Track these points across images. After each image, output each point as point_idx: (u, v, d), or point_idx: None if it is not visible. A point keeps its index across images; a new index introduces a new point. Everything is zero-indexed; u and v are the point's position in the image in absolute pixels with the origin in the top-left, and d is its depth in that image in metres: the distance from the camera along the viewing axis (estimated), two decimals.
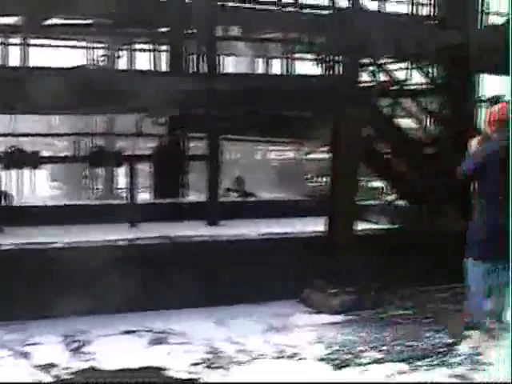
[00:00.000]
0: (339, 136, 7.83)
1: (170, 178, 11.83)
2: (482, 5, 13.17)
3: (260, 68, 17.71)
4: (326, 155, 11.96)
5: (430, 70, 14.30)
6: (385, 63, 12.65)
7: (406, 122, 12.25)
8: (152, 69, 7.94)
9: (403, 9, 12.66)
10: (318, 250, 7.74)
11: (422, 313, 7.55)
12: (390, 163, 9.48)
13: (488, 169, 6.88)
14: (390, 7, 12.15)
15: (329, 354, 6.20)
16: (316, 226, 8.24)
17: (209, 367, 5.85)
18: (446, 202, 9.77)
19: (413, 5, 12.56)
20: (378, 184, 14.54)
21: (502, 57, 13.92)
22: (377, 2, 11.73)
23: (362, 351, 6.28)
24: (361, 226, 8.68)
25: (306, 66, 11.70)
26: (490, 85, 19.64)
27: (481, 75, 13.38)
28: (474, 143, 7.14)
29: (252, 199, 11.94)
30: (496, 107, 7.29)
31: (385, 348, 6.37)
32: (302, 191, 14.52)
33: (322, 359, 6.06)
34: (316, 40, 8.56)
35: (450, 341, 6.61)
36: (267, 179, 19.24)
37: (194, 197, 11.94)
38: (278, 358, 6.10)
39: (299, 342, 6.47)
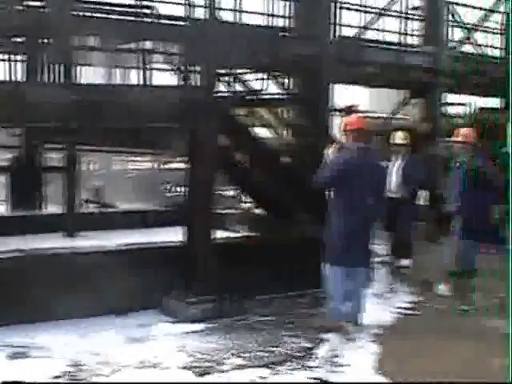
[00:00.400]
0: (195, 146, 7.90)
1: (26, 189, 11.59)
2: (335, 17, 13.64)
3: (117, 79, 17.59)
4: (183, 165, 12.06)
5: (285, 81, 14.68)
6: (241, 73, 12.90)
7: (262, 132, 12.54)
8: (7, 78, 7.78)
9: (259, 20, 12.90)
10: (177, 259, 7.78)
11: (282, 318, 7.73)
12: (246, 172, 9.64)
13: (343, 177, 7.14)
14: (246, 19, 12.34)
15: (191, 362, 6.25)
16: (175, 235, 8.28)
17: (70, 380, 5.79)
18: (304, 210, 10.05)
19: (268, 16, 12.82)
20: (236, 193, 14.78)
21: (354, 68, 14.52)
22: (233, 14, 11.91)
23: (224, 358, 6.36)
24: (220, 234, 8.78)
25: (164, 77, 11.75)
26: (343, 95, 20.32)
27: (335, 86, 13.80)
28: (329, 152, 7.40)
29: (111, 210, 11.86)
30: (350, 117, 7.60)
31: (246, 354, 6.48)
32: (160, 201, 14.53)
33: (184, 367, 6.09)
34: (173, 50, 8.60)
35: (309, 345, 6.81)
36: (126, 190, 19.09)
37: (52, 208, 11.72)
38: (141, 368, 6.10)
39: (161, 351, 6.48)
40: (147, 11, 8.87)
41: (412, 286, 9.50)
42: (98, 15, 9.18)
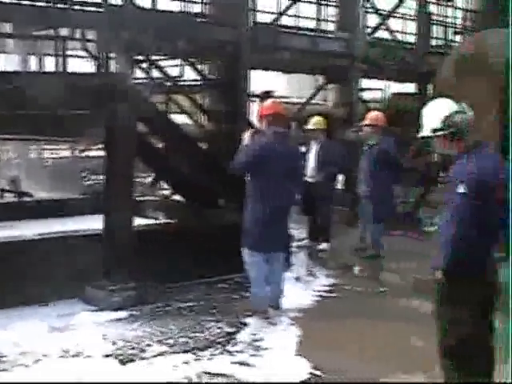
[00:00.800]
0: (113, 133, 7.86)
1: None
2: (252, 3, 13.70)
3: (32, 66, 17.29)
4: (101, 152, 11.95)
5: (202, 67, 14.67)
6: (158, 60, 12.85)
7: (180, 118, 12.53)
8: None
9: (176, 6, 12.86)
10: (97, 247, 7.74)
11: (204, 304, 7.77)
12: (165, 159, 9.64)
13: (258, 162, 7.20)
14: (163, 5, 12.30)
15: (114, 349, 6.24)
16: (94, 223, 8.23)
17: None
18: (223, 196, 10.11)
19: (185, 2, 12.78)
20: (154, 179, 14.71)
21: (270, 54, 14.62)
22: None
23: (147, 345, 6.38)
24: (139, 221, 8.77)
25: (80, 64, 11.62)
26: (262, 81, 20.41)
27: (252, 71, 13.86)
28: (246, 137, 7.46)
29: (29, 199, 11.68)
30: (266, 102, 7.64)
31: (169, 341, 6.51)
32: (79, 189, 14.37)
33: (107, 355, 6.09)
34: (89, 37, 8.51)
35: (231, 330, 6.89)
36: (43, 178, 18.79)
37: None
38: (63, 357, 6.07)
39: (84, 340, 6.44)
40: None
41: (330, 269, 9.66)
42: (12, 1, 9.03)
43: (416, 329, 6.80)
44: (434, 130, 4.71)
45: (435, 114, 4.72)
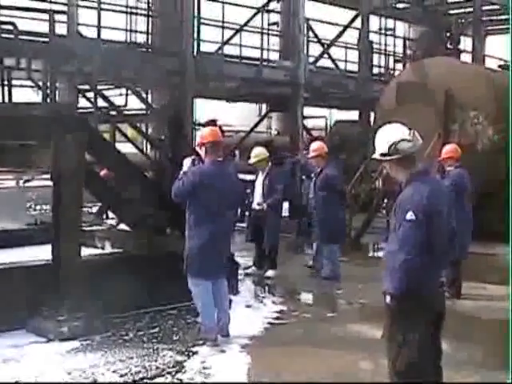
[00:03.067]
0: (59, 162, 7.84)
1: None
2: (198, 33, 13.86)
3: None
4: (47, 182, 11.88)
5: (147, 96, 14.76)
6: (103, 89, 12.88)
7: (126, 147, 12.55)
8: None
9: (120, 36, 12.95)
10: (44, 278, 7.69)
11: (153, 332, 7.77)
12: (110, 188, 9.64)
13: (197, 189, 7.22)
14: (108, 35, 12.37)
15: (69, 379, 6.23)
16: (41, 254, 8.19)
17: None
18: (168, 223, 10.13)
19: (130, 32, 12.88)
20: (100, 209, 14.66)
21: (215, 82, 14.76)
22: (94, 29, 11.90)
23: (101, 374, 6.38)
24: (86, 251, 8.73)
25: (26, 93, 11.59)
26: (205, 109, 20.56)
27: (196, 100, 13.99)
28: (185, 163, 7.50)
29: None
30: (204, 131, 7.68)
31: (121, 370, 6.50)
32: (24, 219, 14.23)
33: None
34: (35, 66, 8.52)
35: (181, 358, 6.90)
36: None
37: None
38: None
39: (37, 370, 6.40)
40: (7, 27, 8.75)
41: (278, 296, 9.73)
42: None
43: (362, 354, 6.92)
44: (382, 155, 4.81)
45: (384, 138, 4.82)
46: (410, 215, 4.60)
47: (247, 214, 11.44)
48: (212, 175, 7.26)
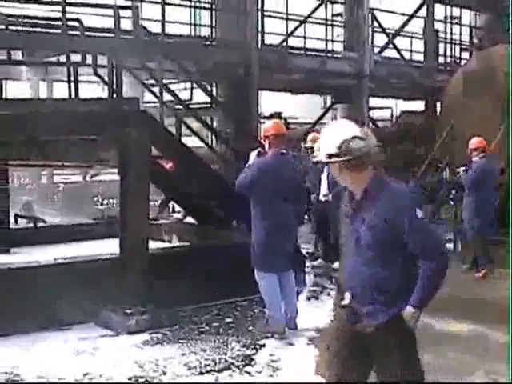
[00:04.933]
0: (126, 157, 7.87)
1: None
2: (262, 26, 13.79)
3: (43, 92, 17.44)
4: (113, 177, 11.99)
5: (211, 89, 14.75)
6: (168, 83, 12.90)
7: (191, 141, 12.56)
8: None
9: (185, 30, 12.96)
10: (112, 271, 7.74)
11: (221, 326, 7.75)
12: (177, 182, 9.66)
13: (258, 182, 7.17)
14: (172, 29, 12.41)
15: (136, 372, 6.25)
16: (109, 248, 8.25)
17: None
18: (235, 217, 10.11)
19: (194, 25, 12.87)
20: (167, 203, 14.73)
21: (279, 75, 14.67)
22: (158, 24, 11.94)
23: (167, 367, 6.38)
24: (153, 245, 8.77)
25: (92, 89, 11.69)
26: (270, 102, 20.50)
27: (262, 92, 13.92)
28: (252, 155, 7.45)
29: (43, 224, 11.70)
30: (268, 123, 7.62)
31: (189, 363, 6.49)
32: (91, 214, 14.41)
33: (130, 378, 6.11)
34: (100, 62, 8.56)
35: (249, 351, 6.85)
36: (56, 203, 18.87)
37: None
38: (85, 380, 6.08)
39: (106, 363, 6.47)
40: (73, 23, 8.81)
41: None
42: (24, 28, 9.10)
43: (430, 348, 6.78)
44: (330, 156, 4.02)
45: (333, 137, 4.02)
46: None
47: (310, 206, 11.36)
48: (273, 168, 7.20)
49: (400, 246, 3.95)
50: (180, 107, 11.98)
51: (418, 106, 20.20)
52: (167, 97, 11.14)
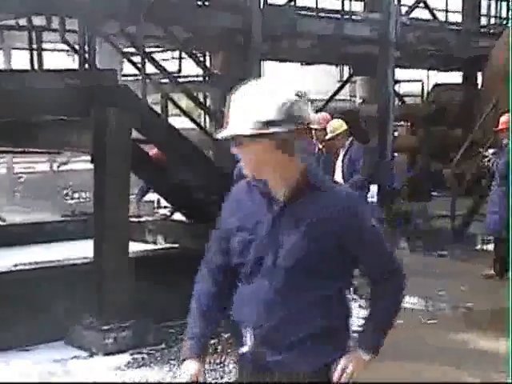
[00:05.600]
0: (101, 142, 7.88)
1: None
2: None
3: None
4: (86, 165, 12.00)
5: (204, 60, 14.77)
6: (153, 52, 12.92)
7: (180, 121, 12.58)
8: None
9: None
10: (86, 279, 7.76)
11: (219, 343, 7.78)
12: (163, 171, 9.67)
13: None
14: None
15: None
16: (82, 251, 8.27)
17: None
18: None
19: None
20: (152, 196, 14.77)
21: (286, 41, 14.68)
22: None
23: None
24: (135, 247, 8.79)
25: (60, 59, 11.71)
26: (275, 74, 20.50)
27: (264, 64, 13.93)
28: None
29: (0, 223, 11.74)
30: None
31: None
32: (60, 210, 14.43)
33: None
34: (69, 27, 8.58)
35: None
36: (16, 198, 18.89)
37: None
38: None
39: None
40: None
41: (366, 298, 9.65)
42: None
43: (469, 368, 6.83)
44: (267, 124, 3.16)
45: (264, 98, 3.18)
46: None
47: None
48: None
49: (341, 267, 3.35)
50: (166, 81, 12.01)
51: (455, 78, 20.20)
52: (151, 69, 11.16)
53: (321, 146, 10.48)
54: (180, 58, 15.26)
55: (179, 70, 15.10)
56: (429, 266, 11.46)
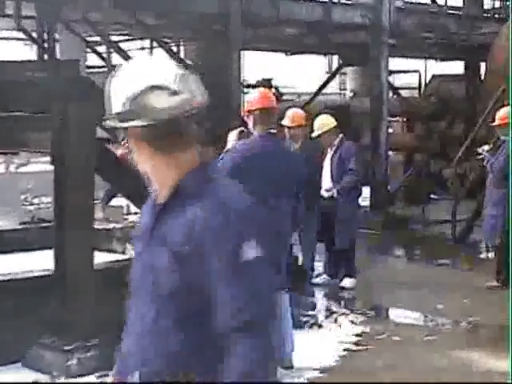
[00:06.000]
0: (62, 139, 7.84)
1: None
2: None
3: None
4: (46, 167, 11.94)
5: (179, 49, 14.75)
6: (120, 41, 12.89)
7: None
8: None
9: None
10: (45, 294, 7.74)
11: None
12: (132, 173, 9.64)
13: (239, 175, 7.06)
14: None
15: None
16: (42, 262, 8.24)
17: None
18: None
19: None
20: (121, 201, 14.73)
21: (269, 29, 14.69)
22: None
23: None
24: (102, 257, 8.77)
25: (15, 48, 11.66)
26: (257, 65, 20.53)
27: (244, 53, 13.92)
28: (231, 137, 7.42)
29: None
30: (253, 94, 7.58)
31: None
32: (17, 217, 14.37)
33: None
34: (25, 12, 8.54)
35: None
36: None
37: None
38: None
39: None
40: None
41: (358, 313, 9.66)
42: None
43: None
44: (118, 117, 2.98)
45: (124, 84, 2.97)
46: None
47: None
48: (261, 153, 7.17)
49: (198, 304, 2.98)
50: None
51: (456, 68, 20.26)
52: (118, 60, 11.13)
53: (297, 146, 10.42)
54: (151, 48, 15.24)
55: None
56: (427, 277, 11.48)
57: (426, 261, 13.03)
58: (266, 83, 17.46)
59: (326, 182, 10.80)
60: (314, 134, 10.95)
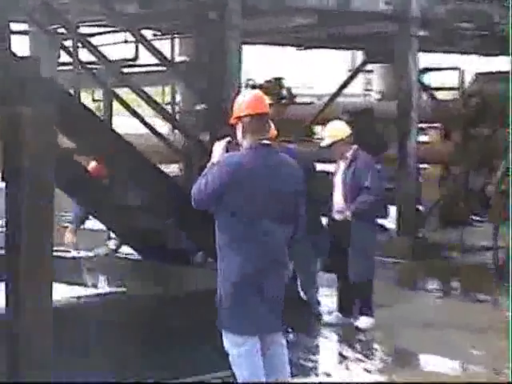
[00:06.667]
0: (14, 152, 7.80)
1: None
2: None
3: None
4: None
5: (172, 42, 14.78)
6: (92, 35, 12.89)
7: (130, 125, 12.54)
8: None
9: None
10: None
11: None
12: (104, 189, 9.67)
13: (230, 194, 7.03)
14: None
15: None
16: None
17: None
18: (200, 246, 10.08)
19: None
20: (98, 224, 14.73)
21: (274, 19, 14.69)
22: None
23: None
24: (66, 291, 8.75)
25: None
26: (263, 62, 20.56)
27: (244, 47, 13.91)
28: (216, 148, 7.33)
29: None
30: (242, 96, 7.49)
31: None
32: None
33: None
34: None
35: None
36: None
37: None
38: None
39: None
40: None
41: (377, 359, 9.62)
42: None
43: None
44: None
45: None
46: None
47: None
48: (252, 168, 7.09)
49: None
50: (112, 72, 11.94)
51: (503, 64, 20.21)
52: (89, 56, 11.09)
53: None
54: (137, 42, 15.18)
55: (135, 58, 15.04)
56: (463, 316, 11.35)
57: (463, 296, 12.96)
58: (276, 83, 17.46)
59: (338, 201, 10.72)
60: (323, 143, 10.92)
